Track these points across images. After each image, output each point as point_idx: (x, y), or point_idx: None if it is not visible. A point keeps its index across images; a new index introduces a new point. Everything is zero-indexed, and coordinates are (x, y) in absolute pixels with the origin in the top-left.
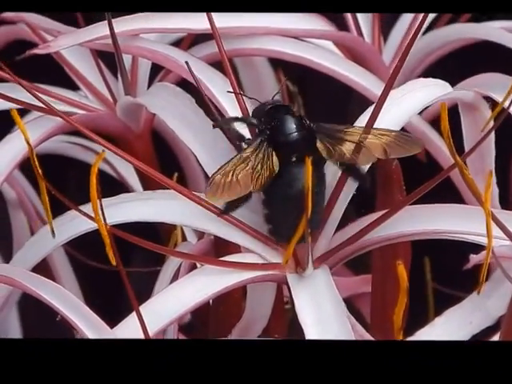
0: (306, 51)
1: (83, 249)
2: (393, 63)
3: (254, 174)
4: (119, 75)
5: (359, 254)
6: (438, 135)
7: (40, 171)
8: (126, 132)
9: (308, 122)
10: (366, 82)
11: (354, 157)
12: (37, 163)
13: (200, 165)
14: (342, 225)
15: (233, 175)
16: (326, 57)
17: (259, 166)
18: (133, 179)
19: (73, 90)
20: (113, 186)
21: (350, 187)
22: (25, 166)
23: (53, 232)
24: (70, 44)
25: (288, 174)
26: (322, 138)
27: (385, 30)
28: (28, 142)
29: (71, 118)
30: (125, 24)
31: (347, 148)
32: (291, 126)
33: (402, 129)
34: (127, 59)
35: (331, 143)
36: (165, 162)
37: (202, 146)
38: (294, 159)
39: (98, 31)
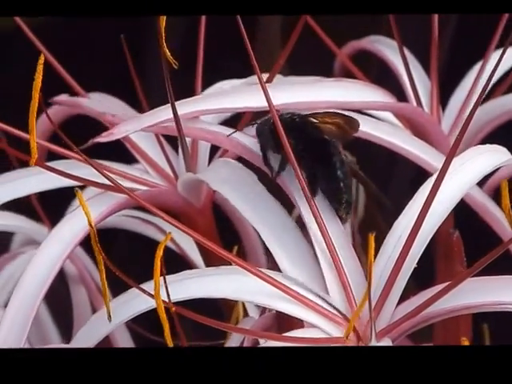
0: (366, 125)
1: (145, 323)
2: (452, 132)
3: None
4: (180, 152)
5: (422, 326)
6: (498, 207)
7: (102, 254)
8: (187, 207)
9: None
10: (427, 156)
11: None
12: (98, 246)
13: (260, 238)
14: (403, 297)
15: None
16: (385, 130)
17: None
18: (193, 253)
19: (127, 163)
20: (172, 258)
21: (412, 260)
22: (85, 241)
23: (109, 316)
24: (132, 130)
25: None
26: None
27: (443, 99)
28: (91, 225)
29: (136, 195)
30: (184, 107)
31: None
32: None
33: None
34: None
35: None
36: (222, 233)
37: (263, 222)
38: None
39: (160, 116)
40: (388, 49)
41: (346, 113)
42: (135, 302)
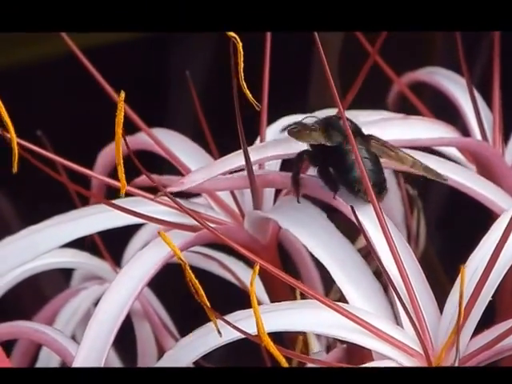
0: (434, 164)
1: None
2: None
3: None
4: (247, 190)
5: (496, 359)
6: None
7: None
8: (253, 244)
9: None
10: (494, 197)
11: None
12: (193, 278)
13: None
14: (477, 330)
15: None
16: (451, 169)
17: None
18: (259, 291)
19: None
20: (237, 293)
21: (487, 293)
22: None
23: (219, 332)
24: (203, 179)
25: None
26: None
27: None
28: (182, 260)
29: (212, 229)
30: (254, 154)
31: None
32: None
33: None
34: None
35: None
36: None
37: (333, 259)
38: None
39: (232, 163)
40: (447, 80)
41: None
42: (212, 336)
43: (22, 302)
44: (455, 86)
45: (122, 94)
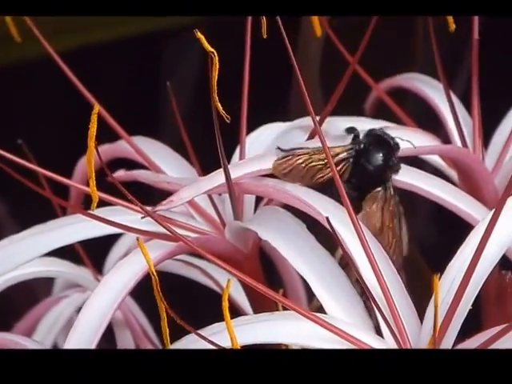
0: (411, 176)
1: None
2: (496, 169)
3: (324, 169)
4: (226, 199)
5: None
6: None
7: (164, 302)
8: (235, 253)
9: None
10: (475, 212)
11: None
12: (160, 294)
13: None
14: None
15: (306, 162)
16: (435, 184)
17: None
18: (241, 298)
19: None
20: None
21: (466, 303)
22: None
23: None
24: (192, 196)
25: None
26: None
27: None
28: (153, 274)
29: (190, 241)
30: (237, 170)
31: None
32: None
33: None
34: None
35: None
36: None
37: (312, 270)
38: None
39: (218, 180)
40: (426, 86)
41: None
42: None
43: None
44: (435, 92)
45: (96, 108)
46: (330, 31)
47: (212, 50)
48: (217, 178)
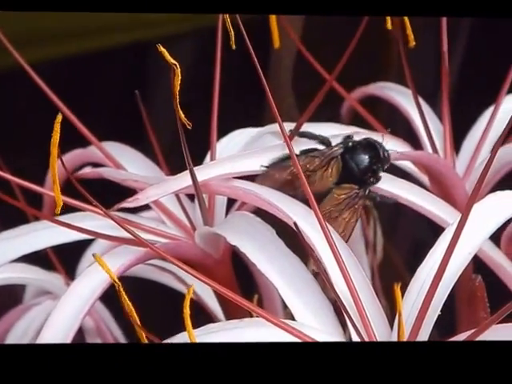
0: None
1: None
2: (467, 174)
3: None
4: (197, 204)
5: None
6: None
7: (131, 308)
8: (206, 258)
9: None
10: (444, 214)
11: None
12: (127, 300)
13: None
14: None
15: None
16: (403, 187)
17: (317, 173)
18: (212, 301)
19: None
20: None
21: (436, 306)
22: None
23: None
24: (159, 195)
25: None
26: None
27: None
28: (116, 282)
29: (156, 248)
30: (203, 172)
31: None
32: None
33: None
34: None
35: None
36: (241, 282)
37: (281, 275)
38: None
39: (185, 180)
40: (398, 94)
41: None
42: None
43: None
44: (406, 100)
45: (59, 117)
46: (301, 47)
47: (174, 62)
48: (184, 178)
